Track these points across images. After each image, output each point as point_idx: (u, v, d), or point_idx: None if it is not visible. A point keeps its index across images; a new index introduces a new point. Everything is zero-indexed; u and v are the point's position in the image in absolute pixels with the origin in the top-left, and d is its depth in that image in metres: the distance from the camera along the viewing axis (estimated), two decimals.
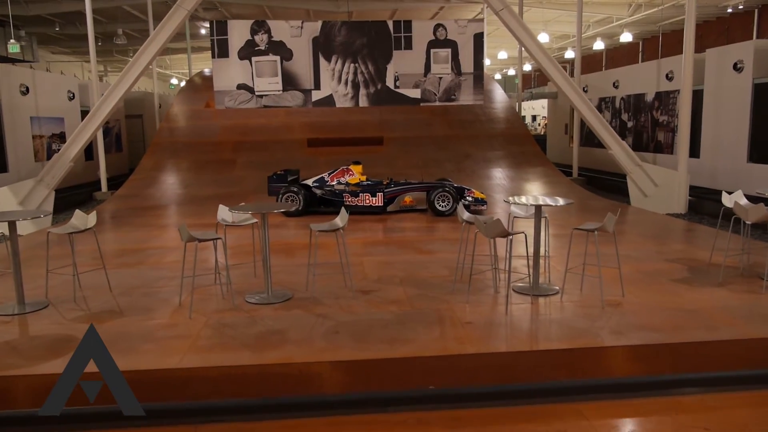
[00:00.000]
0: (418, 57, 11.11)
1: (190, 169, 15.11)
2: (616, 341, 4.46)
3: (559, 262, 6.79)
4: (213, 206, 12.82)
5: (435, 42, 11.10)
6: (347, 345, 4.48)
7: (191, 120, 17.37)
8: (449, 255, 7.44)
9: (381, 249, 7.98)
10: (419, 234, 9.15)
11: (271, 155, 15.26)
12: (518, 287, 5.83)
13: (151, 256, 7.74)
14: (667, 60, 15.71)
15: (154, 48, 10.45)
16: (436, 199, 10.49)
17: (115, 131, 20.14)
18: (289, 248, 8.07)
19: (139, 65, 10.56)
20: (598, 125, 11.43)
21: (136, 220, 10.83)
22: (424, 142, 16.12)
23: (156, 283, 6.32)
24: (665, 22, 25.12)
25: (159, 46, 10.39)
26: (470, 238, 6.03)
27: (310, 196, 10.85)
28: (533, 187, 13.75)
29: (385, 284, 6.16)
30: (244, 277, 6.47)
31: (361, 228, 9.62)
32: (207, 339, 4.60)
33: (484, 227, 5.11)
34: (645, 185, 11.67)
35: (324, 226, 5.88)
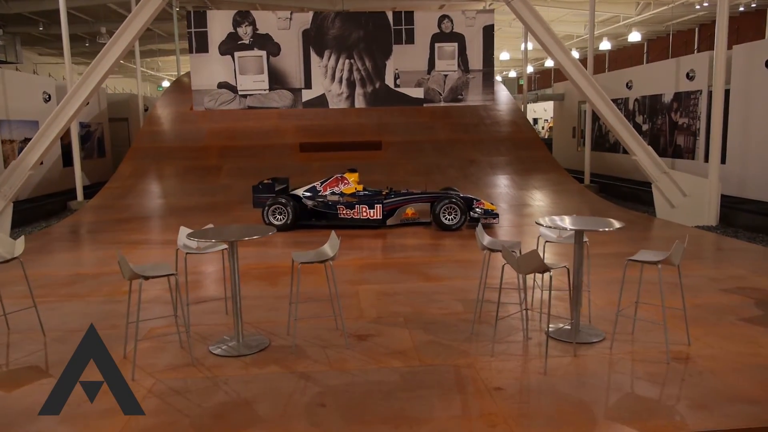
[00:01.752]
0: (420, 52, 9.93)
1: (171, 176, 13.92)
2: (704, 421, 3.28)
3: (599, 296, 5.60)
4: (194, 218, 11.75)
5: (440, 35, 9.92)
6: (335, 426, 3.29)
7: (175, 123, 16.19)
8: (462, 282, 6.25)
9: (380, 274, 6.78)
10: (424, 253, 7.96)
11: (260, 161, 14.10)
12: (555, 332, 4.64)
13: (109, 284, 6.53)
14: (687, 58, 14.60)
15: (125, 41, 9.25)
16: (442, 212, 9.31)
17: (97, 135, 19.00)
18: (272, 273, 6.87)
19: (107, 61, 9.36)
20: (621, 128, 10.27)
21: (103, 236, 9.62)
22: (425, 147, 14.97)
23: (103, 323, 5.11)
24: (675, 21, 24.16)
25: (130, 38, 9.20)
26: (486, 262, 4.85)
27: (301, 208, 9.67)
28: (545, 196, 12.57)
29: (387, 325, 4.97)
30: (211, 316, 5.28)
31: (357, 245, 8.44)
32: (148, 417, 3.40)
33: (517, 261, 3.92)
34: (672, 195, 10.51)
35: (309, 256, 4.69)
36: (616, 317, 4.44)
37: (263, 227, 4.57)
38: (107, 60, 9.35)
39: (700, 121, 13.68)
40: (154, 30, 23.25)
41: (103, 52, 9.37)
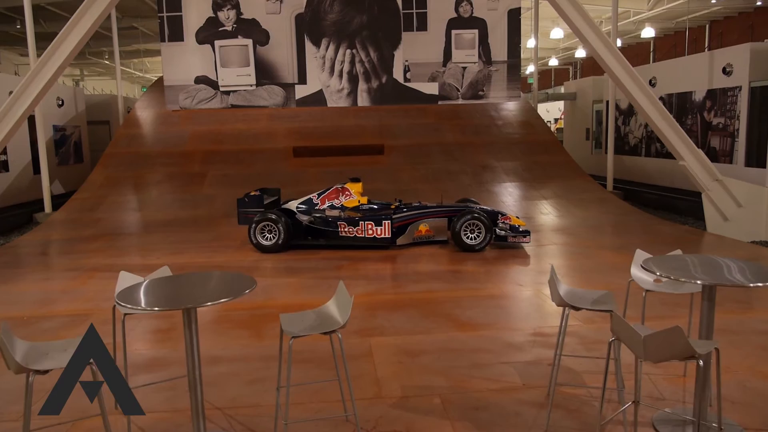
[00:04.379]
0: (435, 41, 8.44)
1: (149, 185, 12.38)
2: None
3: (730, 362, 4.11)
4: (171, 236, 9.85)
5: (457, 21, 8.42)
6: None
7: (156, 125, 14.68)
8: (507, 333, 4.76)
9: (397, 318, 5.27)
10: (446, 285, 6.44)
11: (249, 168, 12.61)
12: (662, 420, 3.14)
13: (45, 332, 5.00)
14: (723, 51, 13.19)
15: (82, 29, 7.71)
16: (463, 229, 7.82)
17: (73, 139, 17.47)
18: (258, 318, 5.34)
19: (61, 52, 7.82)
20: (667, 128, 8.84)
21: (60, 260, 8.09)
22: (432, 151, 13.50)
23: (10, 408, 3.57)
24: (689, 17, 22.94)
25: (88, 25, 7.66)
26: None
27: (294, 225, 8.16)
28: (575, 207, 11.08)
29: (417, 412, 3.47)
30: (164, 402, 3.74)
31: (363, 274, 6.94)
32: None
33: (644, 342, 2.42)
34: (725, 205, 9.08)
35: (306, 322, 3.17)
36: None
37: (237, 281, 3.05)
38: (62, 51, 7.81)
39: (738, 121, 12.31)
40: (139, 28, 21.75)
41: (58, 41, 7.84)
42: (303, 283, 6.53)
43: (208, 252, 8.28)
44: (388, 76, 8.42)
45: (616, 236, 8.62)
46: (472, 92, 8.55)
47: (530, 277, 6.68)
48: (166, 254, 8.53)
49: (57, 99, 16.62)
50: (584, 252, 7.74)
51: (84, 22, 7.62)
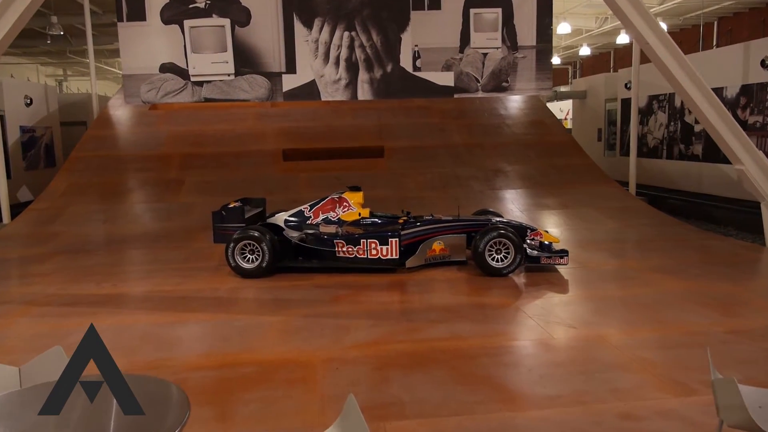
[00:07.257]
0: (450, 22, 7.04)
1: (118, 193, 10.94)
2: None
3: None
4: (138, 255, 8.16)
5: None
6: None
7: (129, 126, 13.28)
8: (576, 409, 3.34)
9: (419, 385, 3.83)
10: (477, 326, 5.01)
11: (232, 173, 11.24)
12: None
13: None
14: (760, 42, 11.98)
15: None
16: (488, 248, 6.41)
17: (44, 141, 16.03)
18: (227, 389, 3.89)
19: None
20: (724, 128, 7.51)
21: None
22: (437, 154, 12.19)
23: None
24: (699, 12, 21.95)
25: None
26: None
27: (282, 243, 6.74)
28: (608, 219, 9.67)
29: None
30: None
31: (366, 309, 5.52)
32: None
33: None
34: None
35: None
36: None
37: (153, 403, 1.65)
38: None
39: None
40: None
41: None
42: (290, 324, 5.10)
43: (178, 276, 6.84)
44: (393, 64, 7.01)
45: (665, 255, 7.27)
46: (495, 83, 7.15)
47: (579, 314, 5.28)
48: (127, 279, 7.08)
49: (25, 98, 15.19)
50: (636, 277, 6.35)
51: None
